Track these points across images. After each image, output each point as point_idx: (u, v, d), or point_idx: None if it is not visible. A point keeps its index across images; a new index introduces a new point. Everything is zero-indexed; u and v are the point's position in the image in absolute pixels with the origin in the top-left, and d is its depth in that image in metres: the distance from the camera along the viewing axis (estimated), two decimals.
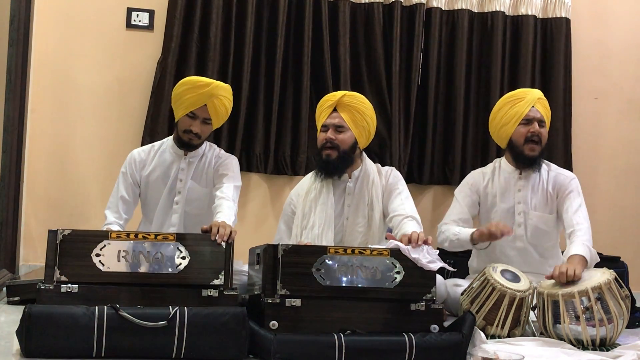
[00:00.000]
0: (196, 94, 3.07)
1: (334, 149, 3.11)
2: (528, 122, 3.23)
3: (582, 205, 3.20)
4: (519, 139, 3.25)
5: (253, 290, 2.65)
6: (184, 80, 3.17)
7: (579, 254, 2.92)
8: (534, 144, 3.23)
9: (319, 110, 3.22)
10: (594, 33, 4.57)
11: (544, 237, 3.29)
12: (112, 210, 3.14)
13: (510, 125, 3.25)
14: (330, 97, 3.20)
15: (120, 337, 2.19)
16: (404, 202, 3.12)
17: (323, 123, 3.15)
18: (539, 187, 3.28)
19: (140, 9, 4.10)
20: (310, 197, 3.16)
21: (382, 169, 3.24)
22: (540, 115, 3.25)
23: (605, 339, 2.67)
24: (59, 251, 2.38)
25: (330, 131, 3.12)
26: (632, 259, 4.05)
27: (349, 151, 3.14)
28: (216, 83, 3.11)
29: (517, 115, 3.23)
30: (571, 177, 3.32)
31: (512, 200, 3.30)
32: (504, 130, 3.29)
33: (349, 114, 3.13)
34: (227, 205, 2.96)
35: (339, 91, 3.29)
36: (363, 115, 3.15)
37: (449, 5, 4.36)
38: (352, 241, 3.12)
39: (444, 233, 3.29)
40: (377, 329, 2.45)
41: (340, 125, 3.12)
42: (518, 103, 3.25)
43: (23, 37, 3.73)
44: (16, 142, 3.72)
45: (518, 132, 3.25)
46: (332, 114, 3.14)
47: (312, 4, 4.16)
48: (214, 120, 3.15)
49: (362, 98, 3.21)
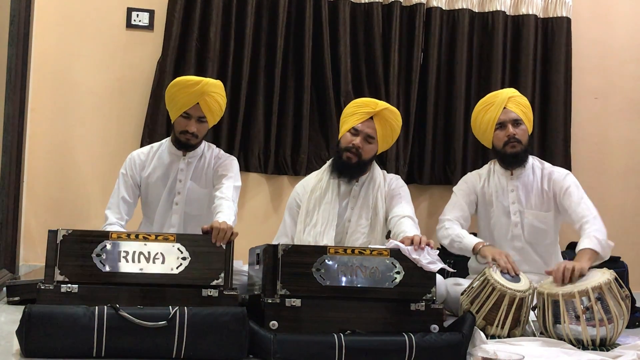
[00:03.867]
0: (187, 93, 3.06)
1: (357, 156, 3.12)
2: (502, 125, 3.25)
3: (583, 197, 3.20)
4: (498, 143, 3.29)
5: (253, 290, 2.65)
6: (174, 81, 3.16)
7: (588, 248, 2.92)
8: (514, 143, 3.25)
9: (352, 110, 3.18)
10: (594, 33, 4.57)
11: (542, 235, 3.29)
12: (113, 210, 3.14)
13: (488, 132, 3.30)
14: (372, 103, 3.17)
15: (120, 337, 2.19)
16: (403, 206, 3.14)
17: (355, 126, 3.13)
18: (533, 185, 3.30)
19: (140, 9, 4.10)
20: (316, 195, 3.18)
21: (387, 175, 3.27)
22: (514, 115, 3.26)
23: (605, 339, 2.67)
24: (59, 251, 2.38)
25: (360, 139, 3.11)
26: (632, 259, 4.05)
27: (368, 161, 3.18)
28: (206, 80, 3.10)
29: (490, 121, 3.27)
30: (565, 173, 3.32)
31: (507, 201, 3.30)
32: (485, 137, 3.35)
33: (383, 129, 3.14)
34: (227, 206, 2.96)
35: (380, 101, 3.23)
36: (392, 132, 3.19)
37: (449, 5, 4.36)
38: (353, 242, 3.13)
39: (446, 229, 3.27)
40: (377, 329, 2.45)
41: (372, 137, 3.13)
42: (490, 109, 3.28)
43: (23, 37, 3.73)
44: (16, 142, 3.72)
45: (496, 137, 3.29)
46: (368, 121, 3.12)
47: (312, 4, 4.16)
48: (208, 118, 3.14)
49: (399, 115, 3.21)
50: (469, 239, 3.18)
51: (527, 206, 3.28)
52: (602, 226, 3.05)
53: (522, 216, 3.28)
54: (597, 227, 3.04)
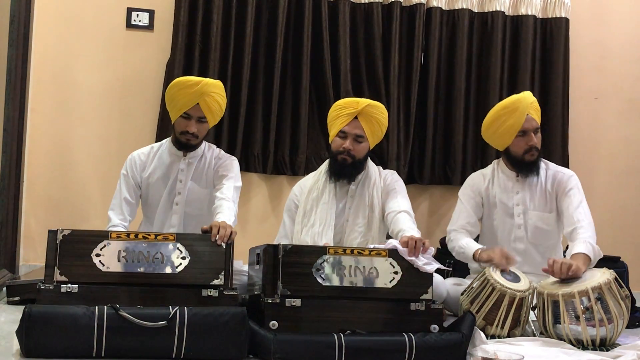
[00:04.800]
0: (187, 93, 3.05)
1: (351, 157, 3.12)
2: (524, 133, 3.19)
3: (582, 201, 3.19)
4: (517, 150, 3.23)
5: (253, 290, 2.65)
6: (173, 82, 3.15)
7: (581, 252, 2.92)
8: (534, 152, 3.23)
9: (335, 113, 3.17)
10: (593, 33, 4.57)
11: (545, 237, 3.28)
12: (116, 212, 3.14)
13: (507, 138, 3.22)
14: (353, 103, 3.15)
15: (120, 337, 2.19)
16: (399, 201, 3.13)
17: (342, 129, 3.12)
18: (537, 186, 3.28)
19: (140, 9, 4.11)
20: (313, 197, 3.18)
21: (382, 171, 3.26)
22: (535, 124, 3.22)
23: (605, 339, 2.66)
24: (59, 251, 2.38)
25: (350, 141, 3.10)
26: (632, 259, 4.05)
27: (363, 160, 3.17)
28: (205, 80, 3.10)
29: (513, 128, 3.18)
30: (570, 174, 3.31)
31: (511, 202, 3.29)
32: (501, 141, 3.27)
33: (370, 125, 3.13)
34: (227, 206, 2.96)
35: (361, 99, 3.21)
36: (380, 126, 3.17)
37: (449, 5, 4.36)
38: (351, 242, 3.13)
39: (452, 242, 3.27)
40: (377, 329, 2.45)
41: (360, 136, 3.12)
42: (513, 115, 3.17)
43: (23, 37, 3.73)
44: (16, 142, 3.72)
45: (516, 144, 3.22)
46: (353, 122, 3.11)
47: (311, 4, 4.16)
48: (209, 118, 3.14)
49: (382, 108, 3.19)
50: (470, 248, 3.15)
51: (531, 207, 3.26)
52: (594, 234, 3.07)
53: (526, 218, 3.26)
54: (591, 234, 3.05)
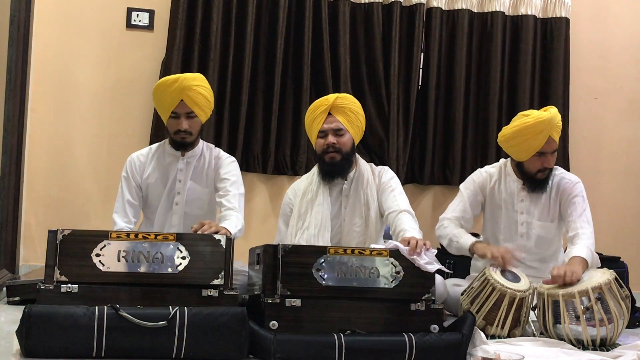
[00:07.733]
0: (169, 92, 3.05)
1: (337, 152, 3.10)
2: (542, 154, 3.15)
3: (586, 210, 3.19)
4: (531, 168, 3.20)
5: (253, 290, 2.65)
6: (155, 85, 3.15)
7: (580, 256, 2.93)
8: (547, 171, 3.20)
9: (310, 116, 3.16)
10: (593, 33, 4.57)
11: (547, 245, 3.27)
12: (121, 214, 3.14)
13: (524, 155, 3.17)
14: (323, 101, 3.14)
15: (120, 337, 2.18)
16: (397, 198, 3.11)
17: (320, 129, 3.11)
18: (542, 195, 3.26)
19: (140, 9, 4.11)
20: (307, 199, 3.16)
21: (375, 168, 3.24)
22: (555, 145, 3.18)
23: (605, 339, 2.67)
24: (59, 251, 2.38)
25: (330, 136, 3.09)
26: (632, 259, 4.05)
27: (350, 152, 3.15)
28: (184, 76, 3.08)
29: (532, 148, 3.13)
30: (575, 181, 3.28)
31: (516, 209, 3.27)
32: (517, 154, 3.21)
33: (345, 116, 3.11)
34: (235, 216, 3.01)
35: (329, 95, 3.22)
36: (357, 115, 3.15)
37: (449, 5, 4.36)
38: (349, 241, 3.12)
39: (445, 228, 3.26)
40: (377, 329, 2.45)
41: (340, 129, 3.10)
42: (536, 136, 3.11)
43: (23, 37, 3.73)
44: (16, 142, 3.72)
45: (531, 162, 3.18)
46: (328, 118, 3.10)
47: (312, 4, 4.16)
48: (197, 112, 3.11)
49: (353, 97, 3.20)
50: (466, 238, 3.17)
51: (535, 217, 3.24)
52: (594, 243, 3.08)
53: (529, 227, 3.24)
54: (592, 241, 3.07)
